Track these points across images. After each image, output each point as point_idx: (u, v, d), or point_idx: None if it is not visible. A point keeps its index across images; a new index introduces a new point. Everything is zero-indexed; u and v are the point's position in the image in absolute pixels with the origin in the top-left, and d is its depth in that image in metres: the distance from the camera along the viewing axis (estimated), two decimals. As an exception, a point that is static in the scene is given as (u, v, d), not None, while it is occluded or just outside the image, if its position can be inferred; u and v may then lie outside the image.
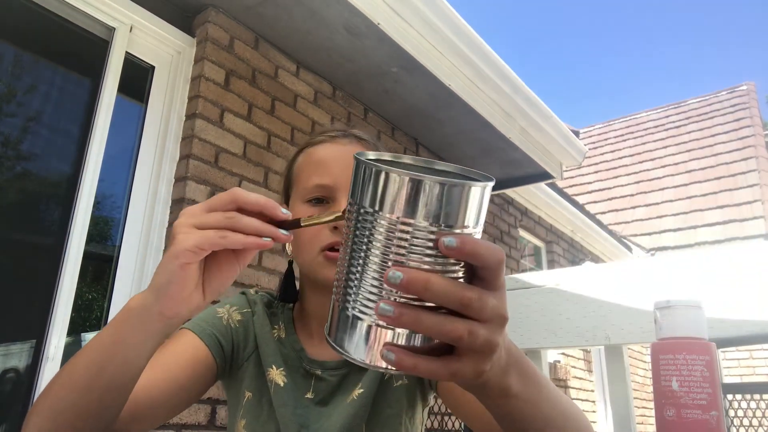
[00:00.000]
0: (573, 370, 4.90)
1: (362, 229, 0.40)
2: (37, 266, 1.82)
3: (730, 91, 9.14)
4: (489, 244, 0.38)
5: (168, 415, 0.70)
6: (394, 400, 0.78)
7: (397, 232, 0.38)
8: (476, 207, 0.39)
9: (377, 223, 0.38)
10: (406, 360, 0.38)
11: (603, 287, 1.27)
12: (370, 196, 0.39)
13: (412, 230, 0.37)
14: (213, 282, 0.55)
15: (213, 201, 0.52)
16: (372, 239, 0.39)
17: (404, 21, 2.40)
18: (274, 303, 0.87)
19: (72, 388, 0.54)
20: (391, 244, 0.38)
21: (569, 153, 3.62)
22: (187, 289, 0.52)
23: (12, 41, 1.87)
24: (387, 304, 0.37)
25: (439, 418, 2.06)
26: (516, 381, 0.45)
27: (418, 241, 0.38)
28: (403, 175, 0.37)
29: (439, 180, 0.37)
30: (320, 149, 0.81)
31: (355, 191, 0.41)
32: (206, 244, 0.50)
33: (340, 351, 0.41)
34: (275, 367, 0.79)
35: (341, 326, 0.41)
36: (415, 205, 0.37)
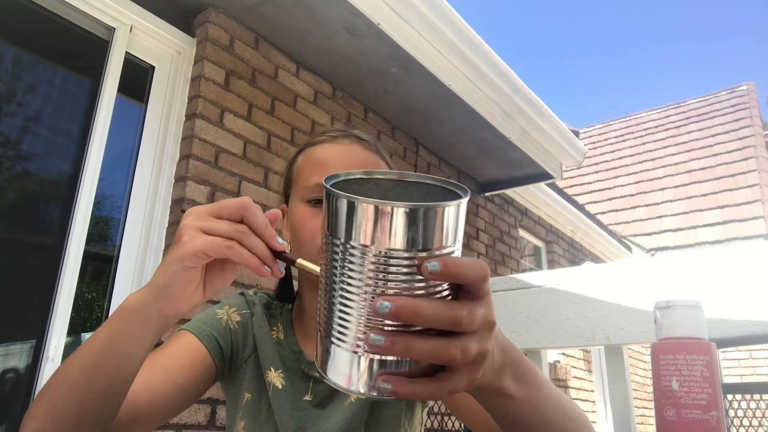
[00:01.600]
0: (573, 370, 4.90)
1: (341, 261, 0.38)
2: (37, 266, 1.82)
3: (730, 91, 9.14)
4: (471, 261, 0.38)
5: (167, 415, 0.70)
6: (393, 401, 0.78)
7: (376, 262, 0.37)
8: (452, 225, 0.38)
9: (355, 255, 0.37)
10: (403, 388, 0.38)
11: (603, 287, 1.27)
12: (344, 227, 0.38)
13: (390, 258, 0.37)
14: (214, 282, 0.55)
15: (222, 207, 0.52)
16: (352, 271, 0.38)
17: (404, 21, 2.40)
18: (272, 304, 0.87)
19: (69, 389, 0.54)
20: (372, 273, 0.37)
21: (569, 153, 3.62)
22: (189, 290, 0.53)
23: (12, 41, 1.87)
24: (377, 334, 0.37)
25: (439, 418, 2.06)
26: (511, 381, 0.45)
27: (399, 268, 0.37)
28: (374, 204, 0.36)
29: (410, 205, 0.36)
30: (320, 149, 0.81)
31: (329, 223, 0.39)
32: (212, 251, 0.50)
33: (336, 385, 0.41)
34: (273, 369, 0.79)
35: (332, 361, 0.40)
36: (391, 233, 0.36)
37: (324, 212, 0.40)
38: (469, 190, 0.41)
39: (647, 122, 9.66)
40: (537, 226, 4.83)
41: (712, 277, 1.12)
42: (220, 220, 0.51)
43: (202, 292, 0.55)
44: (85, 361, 0.54)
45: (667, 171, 8.03)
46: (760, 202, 6.43)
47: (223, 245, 0.50)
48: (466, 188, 0.41)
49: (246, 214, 0.52)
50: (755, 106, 8.45)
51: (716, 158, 7.68)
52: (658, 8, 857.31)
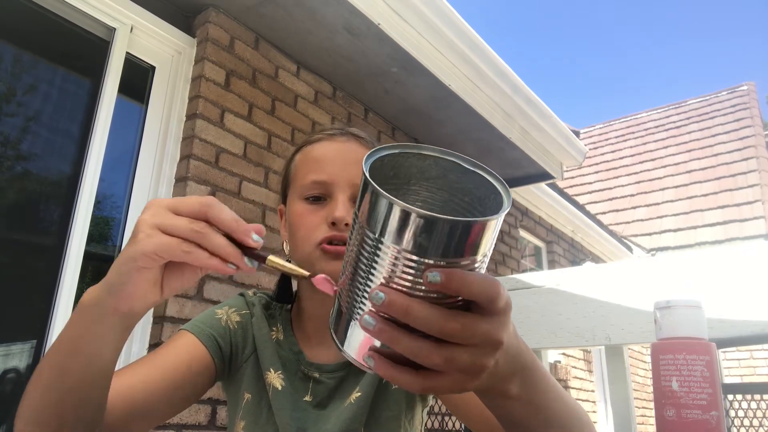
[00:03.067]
0: (573, 371, 4.90)
1: (363, 246, 0.39)
2: (37, 266, 1.83)
3: (731, 91, 9.14)
4: (481, 278, 0.37)
5: (166, 415, 0.70)
6: (393, 402, 0.78)
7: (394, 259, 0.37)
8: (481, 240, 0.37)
9: (376, 246, 0.38)
10: (383, 368, 0.39)
11: (603, 287, 1.27)
12: (370, 217, 0.38)
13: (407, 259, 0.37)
14: (172, 282, 0.52)
15: (182, 204, 0.49)
16: (372, 258, 0.38)
17: (404, 21, 2.40)
18: (272, 304, 0.87)
19: (43, 390, 0.54)
20: (388, 267, 0.38)
21: (569, 153, 3.62)
22: (143, 289, 0.50)
23: (12, 41, 1.87)
24: (371, 317, 0.38)
25: (439, 418, 2.06)
26: (518, 386, 0.45)
27: (413, 269, 0.37)
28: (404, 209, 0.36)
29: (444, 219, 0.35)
30: (318, 147, 0.80)
31: (361, 207, 0.40)
32: (166, 253, 0.47)
33: (337, 344, 0.43)
34: (273, 371, 0.79)
35: (340, 322, 0.43)
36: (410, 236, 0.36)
37: (359, 195, 0.40)
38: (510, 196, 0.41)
39: (648, 122, 9.65)
40: (537, 226, 4.83)
41: (712, 277, 1.12)
42: (179, 217, 0.48)
43: (159, 291, 0.51)
44: (53, 361, 0.53)
45: (668, 171, 8.03)
46: (760, 202, 6.43)
47: (178, 249, 0.47)
48: (509, 193, 0.41)
49: (210, 211, 0.48)
50: (756, 106, 8.45)
51: (717, 158, 7.67)
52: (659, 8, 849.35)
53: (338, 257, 0.72)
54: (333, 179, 0.76)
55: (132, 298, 0.50)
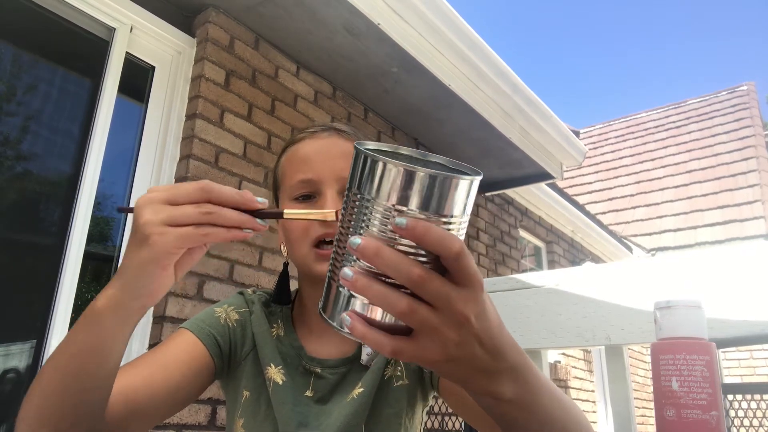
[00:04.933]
0: (573, 371, 4.90)
1: (349, 210, 0.42)
2: (37, 266, 1.82)
3: (731, 91, 9.14)
4: (446, 233, 0.38)
5: (166, 413, 0.70)
6: (394, 399, 0.78)
7: (371, 212, 0.40)
8: (459, 198, 0.40)
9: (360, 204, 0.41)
10: (358, 327, 0.40)
11: (603, 287, 1.26)
12: (362, 180, 0.41)
13: (385, 210, 0.40)
14: (183, 263, 0.55)
15: (179, 192, 0.50)
16: (356, 218, 0.41)
17: (404, 21, 2.40)
18: (271, 302, 0.87)
19: (53, 392, 0.54)
20: (366, 220, 0.41)
21: (569, 153, 3.62)
22: (165, 282, 0.53)
23: (12, 41, 1.87)
24: (350, 269, 0.39)
25: (440, 418, 2.06)
26: (510, 387, 0.44)
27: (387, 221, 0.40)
28: (391, 164, 0.39)
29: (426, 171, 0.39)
30: (302, 146, 0.81)
31: (351, 176, 0.43)
32: (187, 243, 0.49)
33: (321, 314, 0.44)
34: (273, 366, 0.79)
35: (324, 292, 0.45)
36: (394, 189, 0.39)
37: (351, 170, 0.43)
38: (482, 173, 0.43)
39: (647, 122, 9.65)
40: (537, 226, 4.83)
41: (712, 277, 1.12)
42: (184, 206, 0.49)
43: (173, 276, 0.54)
44: (64, 368, 0.54)
45: (668, 171, 8.03)
46: (760, 202, 6.43)
47: (197, 234, 0.49)
48: (479, 171, 0.43)
49: (210, 195, 0.50)
50: (755, 106, 8.45)
51: (716, 158, 7.68)
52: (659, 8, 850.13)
53: None
54: (319, 176, 0.77)
55: (156, 294, 0.53)
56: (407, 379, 0.80)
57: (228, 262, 2.11)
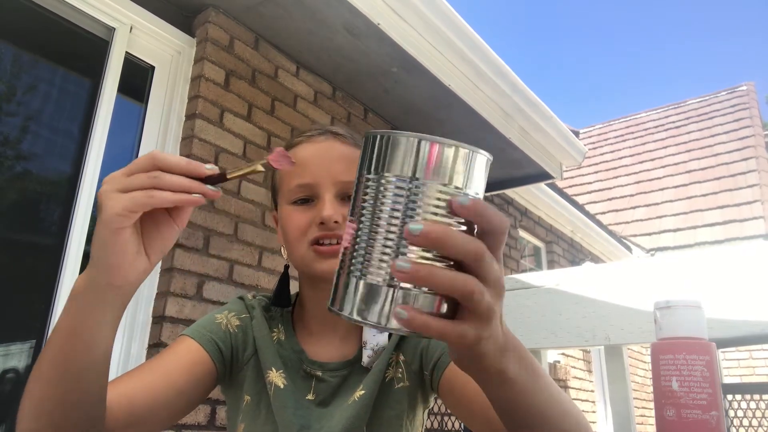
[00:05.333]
0: (573, 371, 4.90)
1: (368, 195, 0.41)
2: (37, 266, 1.82)
3: (730, 91, 9.14)
4: (497, 210, 0.39)
5: (168, 419, 0.70)
6: (395, 401, 0.78)
7: (405, 193, 0.39)
8: (482, 174, 0.41)
9: (385, 187, 0.40)
10: (417, 318, 0.39)
11: (603, 287, 1.27)
12: (375, 162, 0.41)
13: (420, 190, 0.39)
14: (154, 244, 0.54)
15: (132, 164, 0.52)
16: (380, 203, 0.40)
17: (404, 21, 2.40)
18: (271, 306, 0.87)
19: (45, 383, 0.54)
20: (401, 204, 0.40)
21: (569, 153, 3.62)
22: (128, 254, 0.52)
23: (12, 41, 1.87)
24: (403, 260, 0.38)
25: (439, 418, 2.06)
26: (514, 365, 0.45)
27: (427, 201, 0.39)
28: (413, 138, 0.39)
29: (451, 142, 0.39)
30: (298, 150, 0.81)
31: (365, 162, 0.42)
32: (134, 205, 0.50)
33: (352, 318, 0.42)
34: (274, 370, 0.79)
35: (352, 294, 0.42)
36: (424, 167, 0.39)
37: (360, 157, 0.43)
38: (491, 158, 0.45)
39: (647, 122, 9.66)
40: (537, 226, 4.83)
41: (712, 277, 1.12)
42: (134, 175, 0.51)
43: (145, 256, 0.53)
44: (52, 354, 0.54)
45: (667, 171, 8.03)
46: (760, 203, 6.43)
47: (143, 197, 0.50)
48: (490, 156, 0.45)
49: (158, 162, 0.51)
50: (755, 106, 8.45)
51: (716, 158, 7.68)
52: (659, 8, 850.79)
53: (332, 256, 0.74)
54: (317, 180, 0.77)
55: (121, 268, 0.52)
56: (408, 381, 0.80)
57: (228, 262, 2.11)
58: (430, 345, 0.78)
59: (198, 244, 2.01)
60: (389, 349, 0.80)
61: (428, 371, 0.78)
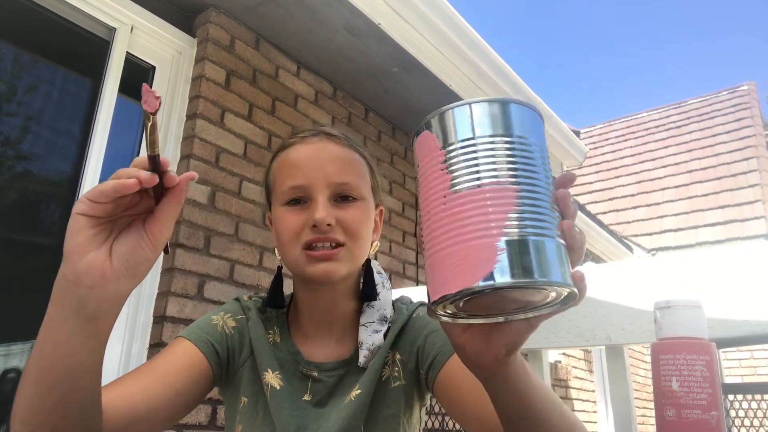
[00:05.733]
0: (574, 370, 4.90)
1: (517, 156, 0.45)
2: (37, 266, 1.83)
3: (731, 91, 9.13)
4: None
5: (166, 421, 0.70)
6: (392, 400, 0.78)
7: (540, 153, 0.46)
8: None
9: (527, 147, 0.45)
10: (584, 279, 0.44)
11: (603, 287, 1.26)
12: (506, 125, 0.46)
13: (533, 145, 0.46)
14: (120, 247, 0.52)
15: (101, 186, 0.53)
16: (533, 162, 0.45)
17: (405, 21, 2.40)
18: (266, 306, 0.87)
19: (31, 388, 0.54)
20: (544, 164, 0.46)
21: (570, 153, 3.62)
22: (84, 245, 0.51)
23: (12, 41, 1.87)
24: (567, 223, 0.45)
25: (440, 418, 2.06)
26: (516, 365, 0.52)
27: (542, 155, 0.46)
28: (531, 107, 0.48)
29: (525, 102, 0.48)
30: (292, 152, 0.81)
31: (493, 126, 0.46)
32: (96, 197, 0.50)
33: (514, 283, 0.40)
34: (271, 371, 0.79)
35: (517, 255, 0.40)
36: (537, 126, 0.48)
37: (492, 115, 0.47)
38: None
39: (648, 122, 9.64)
40: (538, 226, 4.83)
41: (712, 277, 1.12)
42: None
43: (107, 257, 0.52)
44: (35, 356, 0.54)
45: (668, 171, 8.02)
46: (761, 202, 6.42)
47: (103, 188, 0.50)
48: None
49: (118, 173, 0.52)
50: (756, 105, 8.44)
51: (717, 158, 7.67)
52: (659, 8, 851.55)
53: (324, 260, 0.74)
54: (310, 182, 0.77)
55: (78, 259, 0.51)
56: (404, 379, 0.80)
57: (228, 262, 2.11)
58: (426, 344, 0.78)
59: (199, 244, 2.02)
60: (385, 348, 0.80)
61: (424, 370, 0.78)
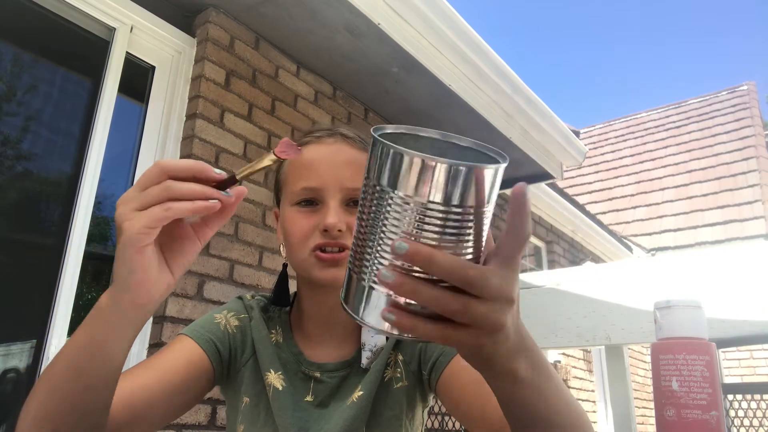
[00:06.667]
0: (573, 370, 4.90)
1: (377, 205, 0.41)
2: (37, 266, 1.82)
3: (731, 91, 9.13)
4: (454, 262, 0.39)
5: (165, 418, 0.70)
6: (394, 401, 0.78)
7: (410, 210, 0.39)
8: (489, 188, 0.40)
9: (391, 201, 0.39)
10: (405, 320, 0.39)
11: (603, 287, 1.26)
12: (386, 174, 0.40)
13: (423, 209, 0.38)
14: (177, 259, 0.54)
15: (142, 179, 0.51)
16: (386, 215, 0.40)
17: (404, 21, 2.40)
18: (270, 307, 0.87)
19: (54, 391, 0.54)
20: (404, 220, 0.39)
21: (569, 153, 3.62)
22: (152, 273, 0.52)
23: (12, 41, 1.87)
24: (388, 271, 0.38)
25: (440, 418, 2.06)
26: (525, 367, 0.45)
27: (429, 219, 0.39)
28: (416, 157, 0.38)
29: (451, 162, 0.37)
30: (306, 151, 0.80)
31: (371, 168, 0.41)
32: (153, 221, 0.49)
33: (354, 317, 0.43)
34: (273, 371, 0.79)
35: (355, 294, 0.43)
36: (426, 185, 0.38)
37: (368, 158, 0.42)
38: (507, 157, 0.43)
39: (648, 122, 9.65)
40: (537, 226, 4.83)
41: (712, 277, 1.12)
42: (147, 190, 0.50)
43: (168, 272, 0.53)
44: (66, 365, 0.54)
45: (668, 171, 8.02)
46: (760, 202, 6.43)
47: (160, 211, 0.49)
48: (505, 156, 0.43)
49: (166, 168, 0.50)
50: (756, 105, 8.44)
51: (717, 158, 7.67)
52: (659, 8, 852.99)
53: (333, 264, 0.73)
54: (323, 185, 0.76)
55: (145, 287, 0.52)
56: (407, 380, 0.79)
57: (228, 262, 2.11)
58: (429, 345, 0.78)
59: (198, 244, 2.02)
60: (387, 349, 0.80)
61: (426, 371, 0.77)
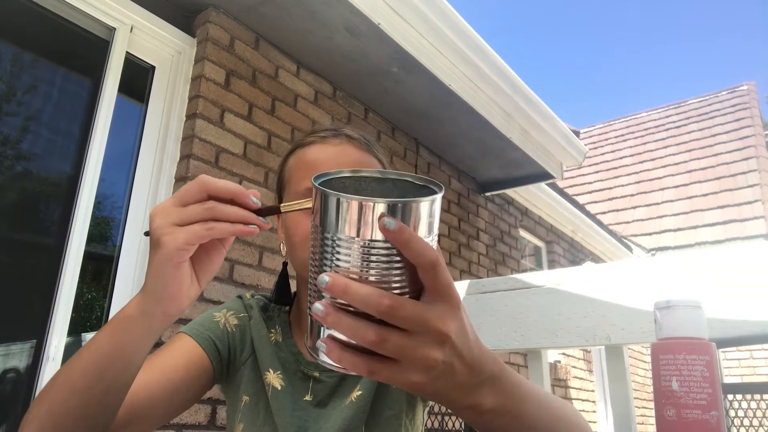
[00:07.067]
0: (573, 370, 4.90)
1: (313, 243, 0.43)
2: (37, 266, 1.82)
3: (731, 90, 9.13)
4: (426, 244, 0.39)
5: (165, 416, 0.71)
6: (393, 401, 0.78)
7: (336, 246, 0.40)
8: (426, 219, 0.40)
9: (323, 237, 0.41)
10: (334, 352, 0.40)
11: (603, 287, 1.26)
12: (317, 214, 0.42)
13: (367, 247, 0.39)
14: (204, 269, 0.56)
15: (183, 194, 0.52)
16: (322, 252, 0.42)
17: (404, 21, 2.40)
18: (269, 306, 0.87)
19: (71, 392, 0.55)
20: (331, 255, 0.41)
21: (570, 153, 3.62)
22: (185, 286, 0.53)
23: (12, 41, 1.87)
24: (320, 304, 0.40)
25: (440, 418, 2.06)
26: (491, 398, 0.44)
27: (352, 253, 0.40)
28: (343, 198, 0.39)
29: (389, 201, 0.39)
30: (311, 151, 0.80)
31: (314, 213, 0.43)
32: (195, 239, 0.50)
33: (306, 345, 0.46)
34: (272, 371, 0.79)
35: (308, 323, 0.45)
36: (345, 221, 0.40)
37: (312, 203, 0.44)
38: (443, 186, 0.44)
39: (648, 122, 9.65)
40: (537, 226, 4.83)
41: (712, 277, 1.12)
42: (188, 207, 0.51)
43: (197, 283, 0.55)
44: (86, 367, 0.55)
45: (668, 171, 8.02)
46: (760, 202, 6.43)
47: (202, 230, 0.50)
48: (441, 185, 0.44)
49: (208, 187, 0.52)
50: (756, 105, 8.44)
51: (717, 158, 7.67)
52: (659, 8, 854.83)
53: None
54: None
55: (177, 299, 0.53)
56: None
57: (228, 262, 2.11)
58: None
59: (198, 244, 2.02)
60: None
61: None
